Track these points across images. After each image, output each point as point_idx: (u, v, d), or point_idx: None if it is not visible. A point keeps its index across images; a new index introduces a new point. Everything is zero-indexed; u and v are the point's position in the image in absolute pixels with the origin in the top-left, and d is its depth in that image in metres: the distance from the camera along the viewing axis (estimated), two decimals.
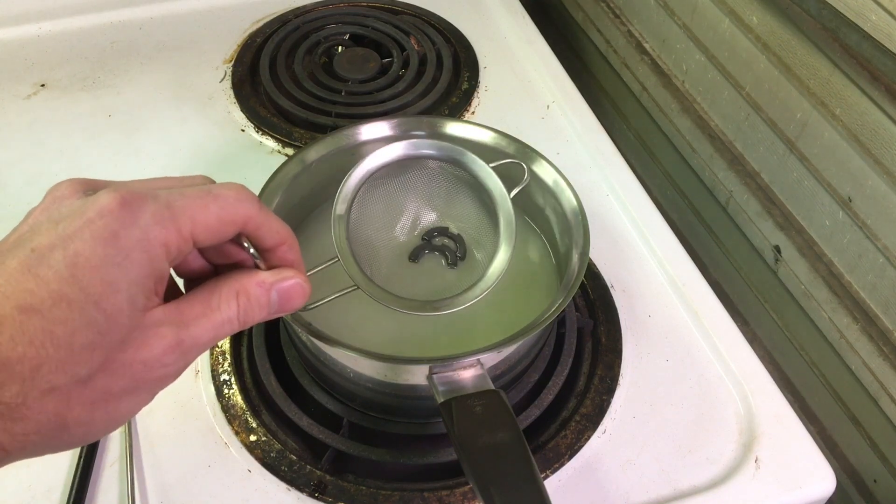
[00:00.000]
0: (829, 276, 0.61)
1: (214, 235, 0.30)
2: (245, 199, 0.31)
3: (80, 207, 0.28)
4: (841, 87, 0.56)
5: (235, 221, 0.31)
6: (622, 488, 0.50)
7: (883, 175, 0.54)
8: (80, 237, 0.27)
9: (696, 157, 0.75)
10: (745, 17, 0.65)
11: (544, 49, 0.84)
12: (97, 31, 0.84)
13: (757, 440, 0.52)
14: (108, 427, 0.29)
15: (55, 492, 0.48)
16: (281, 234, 0.33)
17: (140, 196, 0.28)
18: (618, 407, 0.54)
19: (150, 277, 0.28)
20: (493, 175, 0.48)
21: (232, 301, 0.31)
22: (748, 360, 0.57)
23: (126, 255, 0.27)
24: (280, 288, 0.33)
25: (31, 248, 0.26)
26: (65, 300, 0.26)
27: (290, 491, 0.49)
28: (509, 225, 0.47)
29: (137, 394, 0.29)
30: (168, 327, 0.29)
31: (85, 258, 0.26)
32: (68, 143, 0.71)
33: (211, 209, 0.30)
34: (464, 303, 0.46)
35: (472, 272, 0.49)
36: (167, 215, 0.28)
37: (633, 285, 0.62)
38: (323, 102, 0.75)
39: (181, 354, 0.30)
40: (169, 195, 0.29)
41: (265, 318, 0.33)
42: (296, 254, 0.35)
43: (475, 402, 0.41)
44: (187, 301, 0.31)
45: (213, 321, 0.31)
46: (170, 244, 0.29)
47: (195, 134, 0.73)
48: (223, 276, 0.33)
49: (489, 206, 0.49)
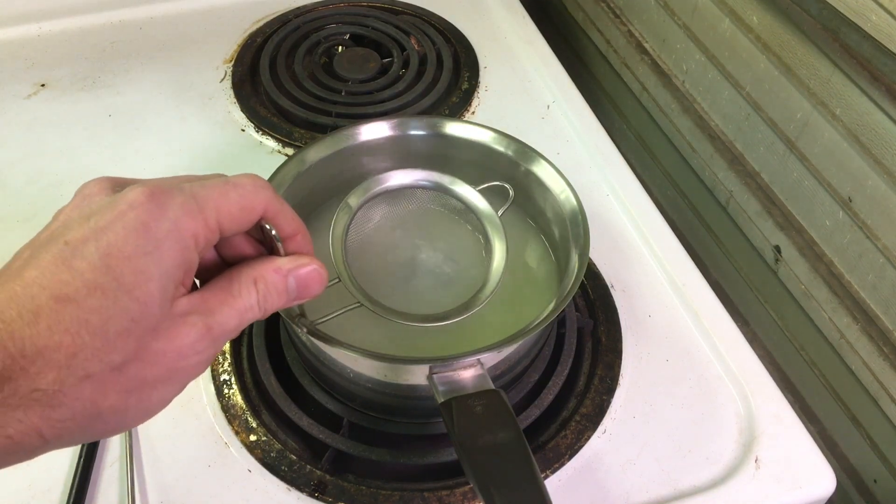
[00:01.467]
0: (829, 276, 0.61)
1: (237, 223, 0.31)
2: (262, 187, 0.33)
3: (111, 202, 0.29)
4: (841, 87, 0.56)
5: (256, 208, 0.32)
6: (622, 488, 0.50)
7: (883, 175, 0.54)
8: (112, 229, 0.27)
9: (696, 157, 0.75)
10: (746, 17, 0.65)
11: (544, 49, 0.84)
12: (97, 31, 0.84)
13: (757, 440, 0.52)
14: (141, 416, 0.30)
15: (55, 492, 0.48)
16: (296, 223, 0.35)
17: (167, 189, 0.29)
18: (618, 407, 0.54)
19: (181, 268, 0.29)
20: (478, 195, 0.51)
21: (251, 287, 0.32)
22: (748, 360, 0.57)
23: (157, 245, 0.28)
24: (297, 275, 0.34)
25: (64, 242, 0.27)
26: (99, 289, 0.27)
27: (290, 491, 0.49)
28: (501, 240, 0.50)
29: (170, 383, 0.30)
30: (196, 316, 0.30)
31: (118, 249, 0.27)
32: (68, 143, 0.71)
33: (232, 198, 0.31)
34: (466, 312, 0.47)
35: (468, 288, 0.50)
36: (194, 206, 0.29)
37: (633, 285, 0.62)
38: (323, 102, 0.75)
39: (212, 341, 0.30)
40: (192, 187, 0.30)
41: (285, 304, 0.34)
42: (309, 245, 0.36)
43: (475, 402, 0.41)
44: (209, 290, 0.32)
45: (236, 308, 0.32)
46: (198, 234, 0.30)
47: (195, 134, 0.73)
48: (241, 264, 0.33)
49: (479, 227, 0.51)
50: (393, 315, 0.46)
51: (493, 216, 0.50)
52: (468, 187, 0.51)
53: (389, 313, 0.46)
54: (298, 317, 0.44)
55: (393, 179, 0.51)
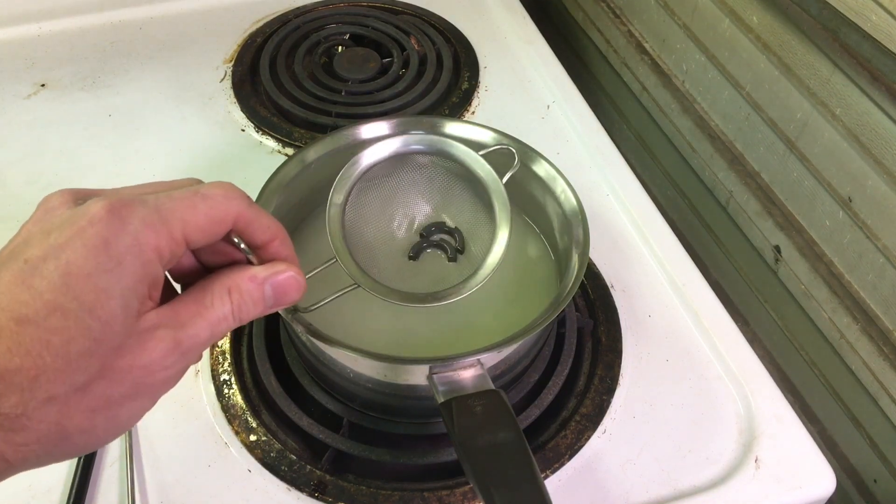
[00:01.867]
0: (829, 276, 0.61)
1: (206, 235, 0.31)
2: (234, 197, 0.32)
3: (71, 217, 0.28)
4: (841, 87, 0.56)
5: (225, 219, 0.31)
6: (622, 488, 0.50)
7: (883, 175, 0.54)
8: (71, 247, 0.27)
9: (696, 157, 0.75)
10: (746, 16, 0.65)
11: (544, 49, 0.84)
12: (97, 31, 0.84)
13: (757, 440, 0.52)
14: (110, 434, 0.29)
15: (55, 492, 0.48)
16: (272, 230, 0.34)
17: (129, 202, 0.28)
18: (618, 407, 0.54)
19: (144, 283, 0.28)
20: (483, 162, 0.49)
21: (225, 298, 0.31)
22: (748, 360, 0.57)
23: (118, 262, 0.27)
24: (274, 282, 0.33)
25: (24, 260, 0.27)
26: (59, 310, 0.26)
27: (290, 491, 0.49)
28: (504, 206, 0.48)
29: (139, 399, 0.29)
30: (165, 330, 0.29)
31: (77, 267, 0.26)
32: (68, 143, 0.71)
33: (200, 209, 0.30)
34: (467, 290, 0.46)
35: (473, 264, 0.49)
36: (157, 219, 0.29)
37: (633, 285, 0.62)
38: (323, 102, 0.75)
39: (181, 355, 0.30)
40: (157, 199, 0.29)
41: (262, 312, 0.33)
42: (288, 249, 0.35)
43: (475, 402, 0.41)
44: (181, 302, 0.31)
45: (209, 319, 0.31)
46: (162, 248, 0.29)
47: (195, 134, 0.73)
48: (215, 274, 0.33)
49: (483, 195, 0.49)
50: (391, 295, 0.45)
51: (497, 181, 0.48)
52: (471, 152, 0.49)
53: (387, 293, 0.45)
54: (294, 312, 0.44)
55: (389, 147, 0.49)
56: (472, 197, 0.50)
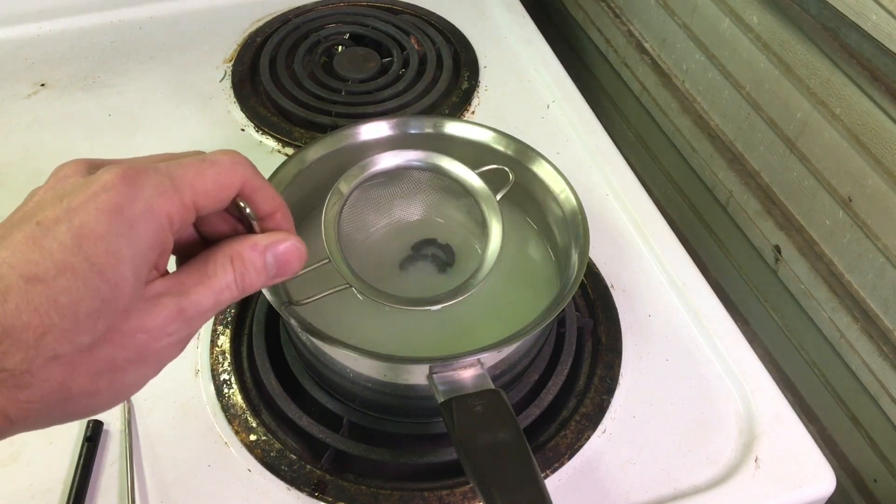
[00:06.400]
0: (829, 275, 0.61)
1: (214, 201, 0.31)
2: (240, 164, 0.32)
3: (85, 184, 0.28)
4: (841, 86, 0.56)
5: (233, 185, 0.32)
6: (622, 488, 0.50)
7: (883, 175, 0.54)
8: (84, 210, 0.27)
9: (696, 157, 0.75)
10: (746, 16, 0.65)
11: (544, 49, 0.84)
12: (97, 31, 0.84)
13: (757, 440, 0.52)
14: (112, 399, 0.30)
15: (55, 492, 0.48)
16: (276, 201, 0.34)
17: (142, 170, 0.29)
18: (618, 407, 0.54)
19: (155, 249, 0.29)
20: (475, 177, 0.49)
21: (227, 266, 0.32)
22: (748, 360, 0.57)
23: (131, 227, 0.28)
24: (276, 251, 0.33)
25: (36, 222, 0.27)
26: (69, 270, 0.26)
27: (290, 490, 0.49)
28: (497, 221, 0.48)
29: (142, 365, 0.30)
30: (169, 297, 0.30)
31: (90, 230, 0.27)
32: (68, 142, 0.71)
33: (208, 175, 0.31)
34: (459, 296, 0.46)
35: (463, 276, 0.49)
36: (169, 186, 0.29)
37: (633, 285, 0.62)
38: (323, 102, 0.75)
39: (185, 322, 0.30)
40: (168, 166, 0.30)
41: (265, 282, 0.34)
42: (289, 223, 0.35)
43: (475, 401, 0.41)
44: (185, 270, 0.31)
45: (212, 287, 0.31)
46: (173, 214, 0.29)
47: (195, 133, 0.73)
48: (218, 243, 0.33)
49: (475, 210, 0.50)
50: (382, 298, 0.45)
51: (491, 198, 0.49)
52: (467, 169, 0.50)
53: (379, 296, 0.45)
54: (287, 304, 0.44)
55: (388, 160, 0.49)
56: (465, 213, 0.51)
